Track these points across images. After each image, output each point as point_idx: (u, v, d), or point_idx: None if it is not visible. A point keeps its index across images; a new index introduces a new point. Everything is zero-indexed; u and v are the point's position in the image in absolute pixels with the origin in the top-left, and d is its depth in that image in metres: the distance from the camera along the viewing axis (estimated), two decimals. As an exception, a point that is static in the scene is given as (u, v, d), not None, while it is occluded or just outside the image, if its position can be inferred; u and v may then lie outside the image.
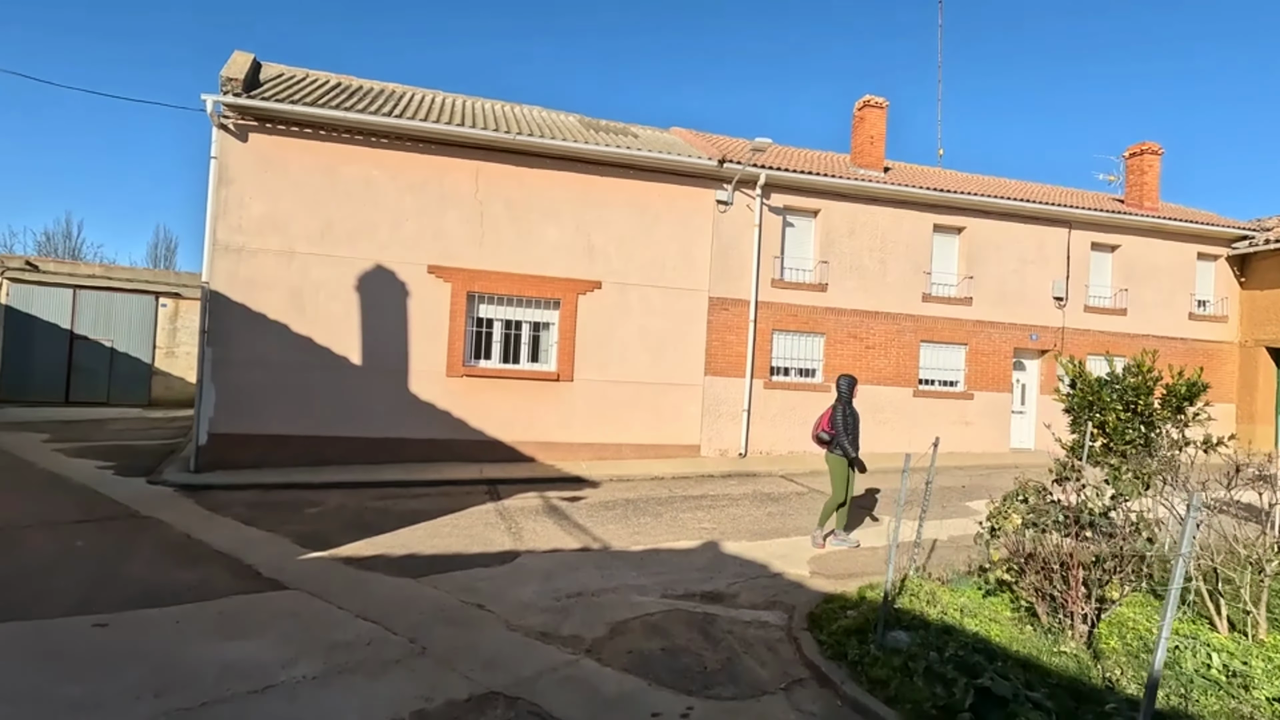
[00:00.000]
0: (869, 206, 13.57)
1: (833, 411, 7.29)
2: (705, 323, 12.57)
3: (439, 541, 7.10)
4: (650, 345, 12.21)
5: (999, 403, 14.43)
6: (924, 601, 4.91)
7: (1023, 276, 14.58)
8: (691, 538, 7.56)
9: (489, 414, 11.34)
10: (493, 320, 11.66)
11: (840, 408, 7.27)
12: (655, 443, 12.23)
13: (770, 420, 12.94)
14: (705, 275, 12.56)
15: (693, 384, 12.47)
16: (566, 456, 11.67)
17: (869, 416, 13.15)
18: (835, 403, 7.36)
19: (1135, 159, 16.35)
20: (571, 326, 11.79)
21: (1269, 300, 15.59)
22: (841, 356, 13.36)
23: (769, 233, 12.99)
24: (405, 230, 11.03)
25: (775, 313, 13.01)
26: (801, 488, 10.53)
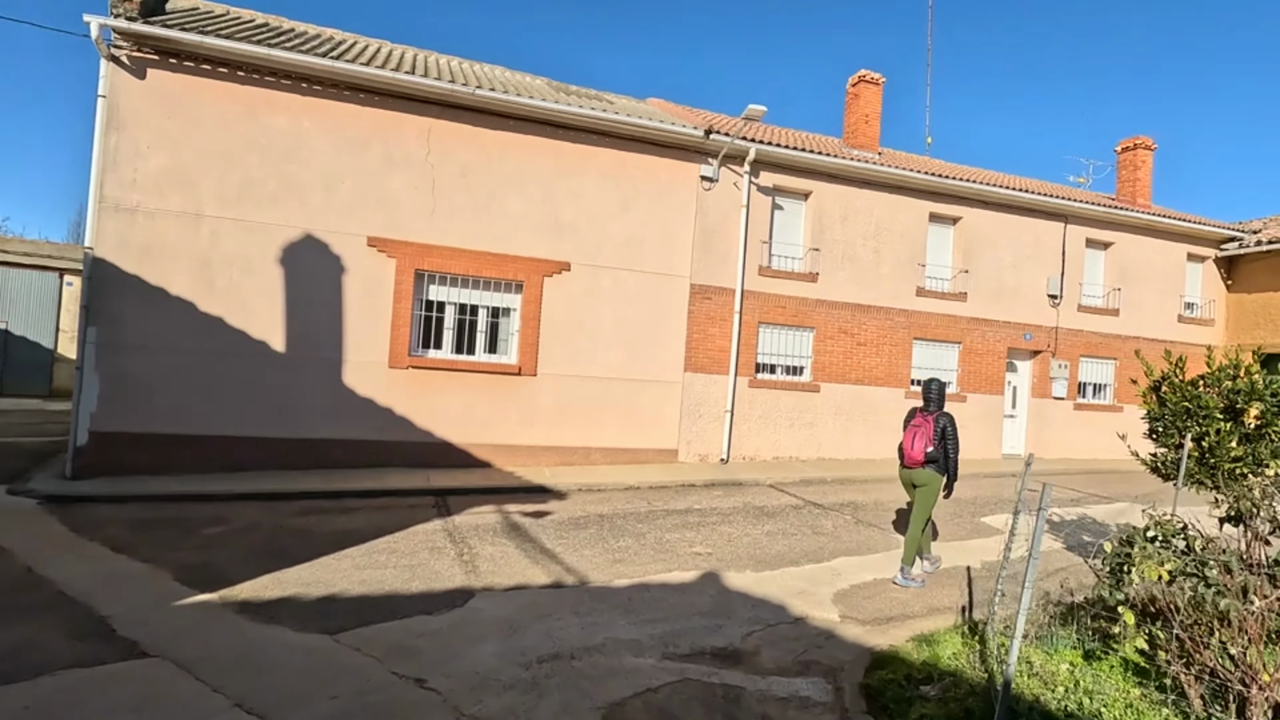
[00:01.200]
0: (863, 191, 12.48)
1: (934, 424, 6.13)
2: (686, 313, 11.25)
3: (371, 576, 5.58)
4: (625, 336, 10.83)
5: (992, 406, 13.55)
6: (1025, 673, 3.68)
7: (1018, 272, 13.74)
8: (685, 567, 6.23)
9: (439, 412, 9.78)
10: (445, 304, 10.09)
11: (941, 418, 6.16)
12: (629, 446, 10.87)
13: (755, 423, 11.72)
14: (687, 260, 11.25)
15: (671, 381, 11.15)
16: (528, 461, 10.20)
17: (860, 420, 12.08)
18: (928, 412, 6.23)
19: (1128, 154, 15.76)
20: (536, 313, 10.32)
21: (1256, 304, 15.18)
22: (831, 354, 12.24)
23: (757, 215, 11.76)
24: (341, 195, 9.37)
25: (762, 304, 11.79)
26: (796, 500, 9.32)
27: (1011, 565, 5.67)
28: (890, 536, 7.63)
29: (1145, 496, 10.67)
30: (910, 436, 6.22)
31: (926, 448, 6.10)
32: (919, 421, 6.24)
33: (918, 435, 6.17)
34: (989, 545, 7.44)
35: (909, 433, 6.25)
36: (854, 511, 8.78)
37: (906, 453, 6.21)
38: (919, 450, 6.12)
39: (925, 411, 6.27)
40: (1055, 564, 6.82)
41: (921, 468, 6.13)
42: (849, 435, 12.32)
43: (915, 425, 6.24)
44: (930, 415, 6.21)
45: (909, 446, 6.19)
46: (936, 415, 6.20)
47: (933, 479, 6.13)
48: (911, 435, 6.22)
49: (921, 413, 6.30)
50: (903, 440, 6.28)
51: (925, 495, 6.17)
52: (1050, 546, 7.48)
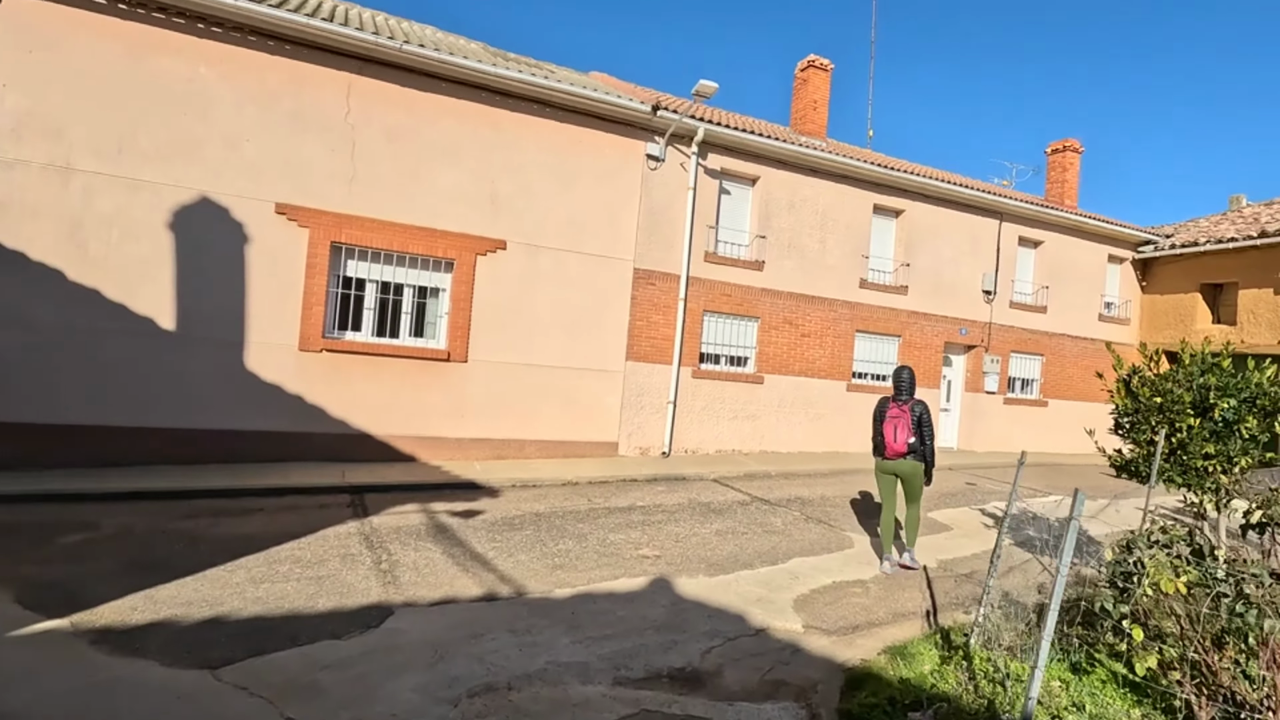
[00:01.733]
0: (810, 179, 12.22)
1: (911, 413, 6.05)
2: (629, 298, 10.68)
3: (270, 591, 4.77)
4: (564, 322, 10.17)
5: (929, 400, 13.61)
6: (1021, 694, 3.32)
7: (956, 267, 13.86)
8: (633, 573, 5.68)
9: (357, 400, 8.86)
10: (365, 281, 9.15)
11: (915, 405, 6.09)
12: (567, 439, 10.23)
13: (697, 415, 11.30)
14: (631, 242, 10.67)
15: (612, 370, 10.57)
16: (456, 455, 9.41)
17: (802, 412, 11.85)
18: (904, 402, 6.13)
19: (1057, 156, 16.22)
20: (467, 294, 9.51)
21: (1167, 305, 15.94)
22: (776, 344, 11.95)
23: (704, 199, 11.30)
24: (245, 154, 8.28)
25: (707, 291, 11.35)
26: (743, 495, 8.94)
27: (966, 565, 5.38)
28: (842, 535, 7.33)
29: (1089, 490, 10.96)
30: (890, 428, 6.05)
31: (909, 438, 5.98)
32: (895, 412, 6.08)
33: (899, 426, 6.03)
34: (941, 542, 7.25)
35: (888, 425, 6.08)
36: (802, 507, 8.47)
37: (889, 444, 6.04)
38: (902, 442, 5.99)
39: (898, 401, 6.13)
40: (1007, 561, 6.66)
41: (904, 458, 6.04)
42: (792, 428, 12.08)
43: (893, 416, 6.08)
44: (905, 404, 6.09)
45: (891, 438, 6.03)
46: (911, 404, 6.09)
47: (916, 468, 6.08)
48: (892, 427, 6.05)
49: (895, 402, 6.14)
50: (883, 432, 6.10)
51: (915, 483, 6.14)
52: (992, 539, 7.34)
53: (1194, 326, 15.28)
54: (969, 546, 7.16)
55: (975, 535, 7.65)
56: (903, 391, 6.17)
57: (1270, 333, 13.66)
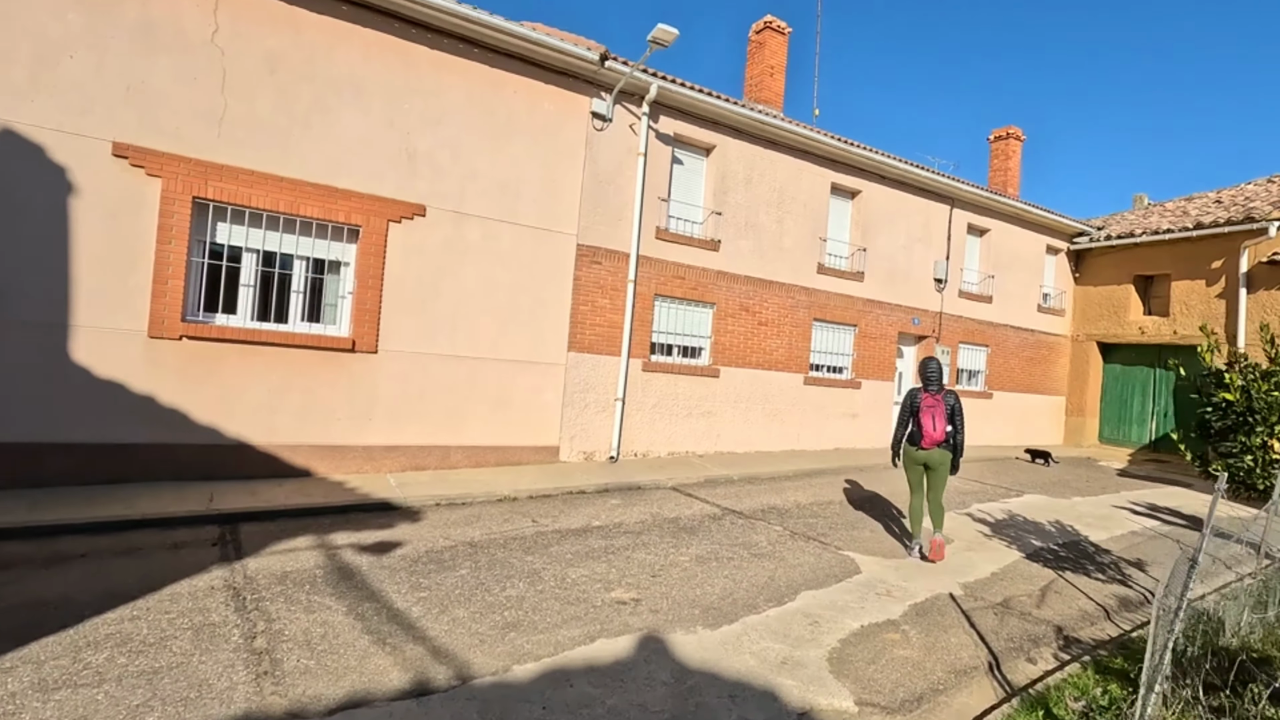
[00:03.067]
0: (768, 152, 11.13)
1: (944, 402, 6.16)
2: (572, 279, 9.20)
3: (69, 703, 3.05)
4: (496, 305, 8.57)
5: (884, 393, 12.93)
6: None
7: (909, 254, 13.21)
8: (611, 628, 4.28)
9: (233, 401, 6.97)
10: (242, 251, 7.23)
11: (948, 396, 6.22)
12: (500, 444, 8.66)
13: (648, 413, 9.98)
14: (574, 214, 9.19)
15: (552, 363, 9.07)
16: (365, 467, 7.67)
17: (759, 408, 10.78)
18: (936, 392, 6.20)
19: (1000, 143, 15.98)
20: (377, 270, 7.76)
21: (1100, 296, 16.05)
22: (732, 334, 10.81)
23: (655, 167, 9.96)
24: (68, 73, 6.21)
25: (659, 273, 10.04)
26: (711, 507, 7.70)
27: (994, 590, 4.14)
28: (842, 556, 6.21)
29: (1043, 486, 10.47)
30: (929, 418, 6.12)
31: (947, 426, 6.11)
32: (931, 402, 6.16)
33: (935, 416, 6.11)
34: (951, 560, 6.25)
35: (925, 415, 6.14)
36: (782, 520, 7.33)
37: (927, 434, 6.12)
38: (940, 431, 6.09)
39: (929, 391, 6.20)
40: (1032, 580, 5.75)
41: (938, 448, 6.15)
42: (748, 426, 10.99)
43: (929, 406, 6.14)
44: (938, 395, 6.18)
45: (929, 428, 6.10)
46: (943, 395, 6.19)
47: (946, 457, 6.19)
48: (930, 417, 6.12)
49: (927, 393, 6.20)
50: (920, 422, 6.15)
51: (944, 471, 6.21)
52: (1003, 554, 6.47)
53: (1126, 318, 15.41)
54: (981, 564, 6.21)
55: (980, 548, 6.74)
56: (932, 382, 6.20)
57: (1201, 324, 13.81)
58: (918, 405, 6.22)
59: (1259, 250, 12.85)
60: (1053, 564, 6.32)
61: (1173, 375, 14.71)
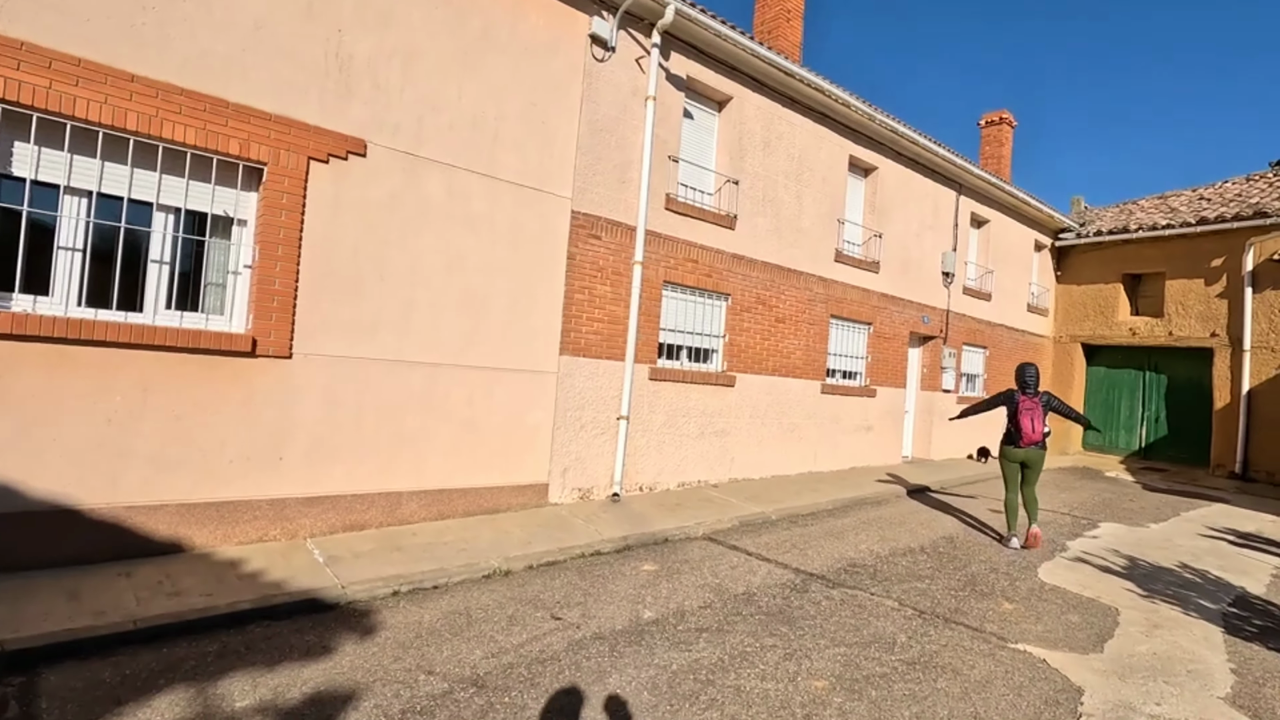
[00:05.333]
0: (788, 112, 9.18)
1: (1040, 403, 6.60)
2: (565, 257, 6.85)
3: None
4: (467, 289, 6.10)
5: (896, 402, 11.31)
6: None
7: (921, 243, 11.68)
8: None
9: (41, 439, 4.18)
10: (59, 192, 4.42)
11: (1043, 395, 6.68)
12: (470, 484, 6.18)
13: (655, 434, 7.76)
14: (568, 170, 6.84)
15: (540, 370, 6.68)
16: (273, 531, 5.03)
17: (775, 424, 8.82)
18: (1029, 395, 6.62)
19: (992, 128, 14.88)
20: (292, 232, 5.12)
21: (1083, 296, 15.27)
22: (748, 332, 8.76)
23: (664, 118, 7.75)
24: None
25: (669, 254, 7.84)
26: (780, 569, 5.59)
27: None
28: (1021, 654, 4.23)
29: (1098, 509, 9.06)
30: (1028, 420, 6.54)
31: (1045, 427, 6.60)
32: (1029, 404, 6.58)
33: (1034, 416, 6.54)
34: (1158, 649, 4.42)
35: (1024, 416, 6.55)
36: (883, 588, 5.33)
37: (1026, 434, 6.54)
38: (1038, 431, 6.56)
39: (1026, 394, 6.62)
40: None
41: (1035, 446, 6.61)
42: (763, 445, 8.98)
43: (1027, 409, 6.56)
44: (1035, 398, 6.61)
45: (1029, 429, 6.53)
46: (1035, 398, 6.60)
47: (1042, 455, 6.69)
48: (1029, 418, 6.54)
49: (1024, 395, 6.62)
50: (1020, 423, 6.55)
51: (1039, 468, 6.73)
52: (1198, 630, 4.66)
53: (1115, 318, 14.66)
54: (1203, 652, 4.42)
55: (1163, 623, 4.97)
56: (1029, 386, 6.65)
57: (1201, 325, 13.16)
58: (1016, 407, 6.63)
59: (1265, 248, 12.23)
60: (1261, 639, 4.66)
61: (1165, 378, 14.04)
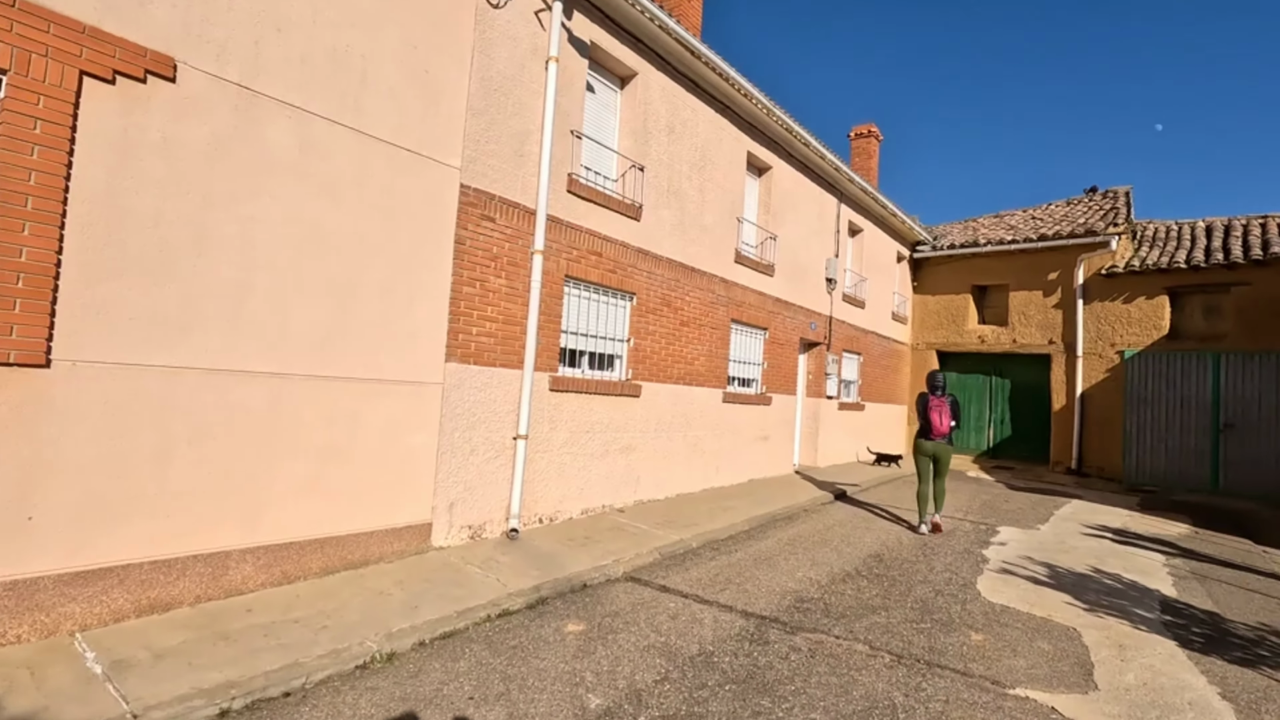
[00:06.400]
0: (691, 97, 8.46)
1: (948, 403, 7.43)
2: (453, 241, 5.55)
3: None
4: (325, 277, 4.62)
5: (789, 410, 11.01)
6: None
7: (809, 248, 11.52)
8: None
9: None
10: None
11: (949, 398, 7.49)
12: (330, 532, 4.69)
13: (556, 454, 6.62)
14: (457, 134, 5.55)
15: (422, 381, 5.32)
16: (11, 628, 3.30)
17: (680, 437, 8.09)
18: (940, 396, 7.48)
19: (860, 141, 15.27)
20: (51, 176, 3.44)
21: (937, 305, 16.17)
22: (653, 336, 7.89)
23: (567, 86, 6.67)
24: None
25: (571, 244, 6.76)
26: (725, 613, 4.72)
27: None
28: (1025, 702, 3.68)
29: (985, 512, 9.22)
30: (936, 415, 7.41)
31: (951, 422, 7.41)
32: (937, 403, 7.43)
33: (942, 413, 7.39)
34: (1148, 680, 4.07)
35: (933, 412, 7.42)
36: (844, 628, 4.63)
37: (935, 428, 7.43)
38: (945, 425, 7.41)
39: (935, 395, 7.48)
40: None
41: (944, 439, 7.49)
42: (669, 461, 8.15)
43: (935, 406, 7.43)
44: (942, 398, 7.46)
45: (937, 423, 7.41)
46: (942, 397, 7.44)
47: (949, 449, 7.56)
48: (937, 414, 7.41)
49: (934, 396, 7.48)
50: (930, 419, 7.42)
51: (948, 461, 7.59)
52: (1158, 647, 4.43)
53: (965, 327, 15.63)
54: (1185, 674, 4.15)
55: (1129, 642, 4.71)
56: (938, 389, 7.53)
57: (1040, 332, 14.31)
58: (927, 405, 7.47)
59: (1093, 263, 13.51)
60: (1217, 651, 4.52)
61: (1009, 383, 15.15)
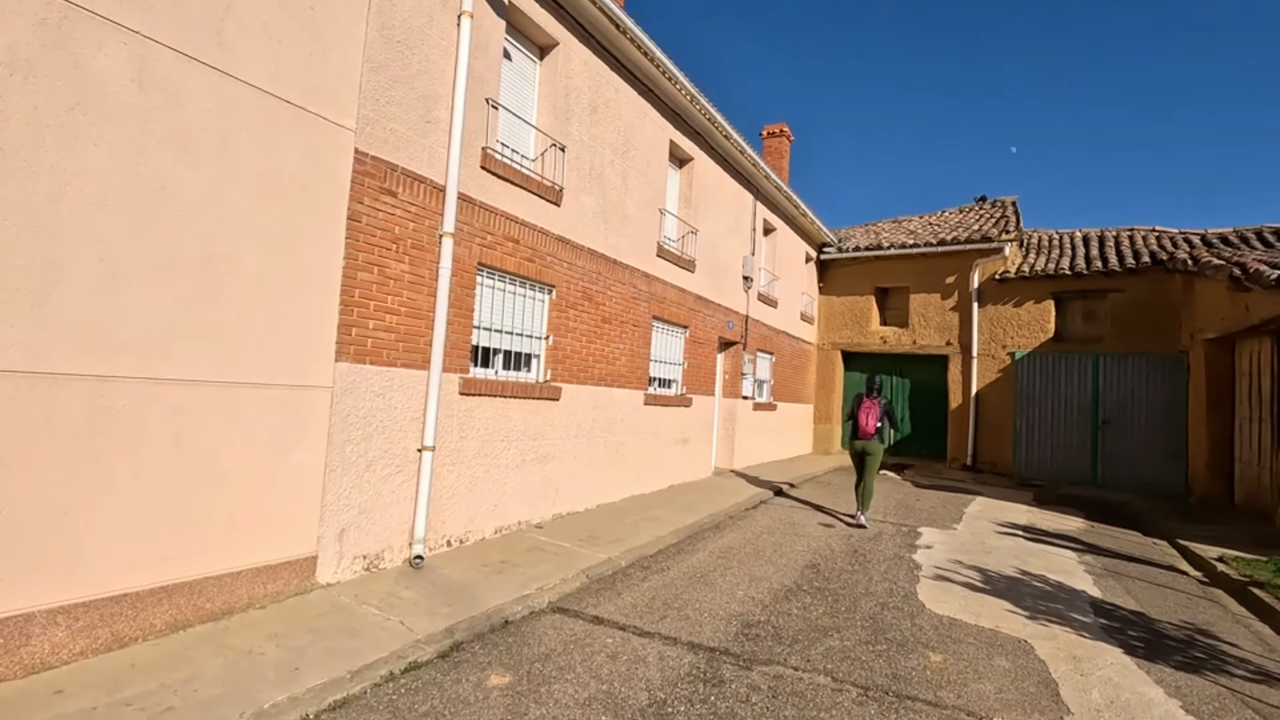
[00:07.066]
0: (615, 77, 7.85)
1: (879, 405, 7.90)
2: (346, 217, 4.64)
3: None
4: (175, 252, 3.63)
5: (708, 411, 10.65)
6: None
7: (729, 245, 11.22)
8: None
9: None
10: None
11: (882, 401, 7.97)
12: (175, 579, 3.70)
13: (468, 466, 5.81)
14: (351, 87, 4.64)
15: (304, 383, 4.38)
16: None
17: (600, 441, 7.53)
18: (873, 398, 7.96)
19: (772, 140, 15.22)
20: None
21: (842, 306, 16.48)
22: (574, 333, 7.21)
23: (482, 49, 5.87)
24: None
25: (485, 228, 5.96)
26: (684, 649, 4.16)
27: None
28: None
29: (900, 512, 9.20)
30: (864, 415, 7.92)
31: (876, 423, 7.88)
32: (867, 404, 7.95)
33: (869, 414, 7.90)
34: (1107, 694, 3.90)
35: (862, 413, 7.94)
36: (800, 654, 4.20)
37: (860, 427, 7.93)
38: (871, 425, 7.89)
39: (869, 397, 7.98)
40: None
41: (872, 438, 7.93)
42: (590, 469, 7.51)
43: (865, 408, 7.94)
44: (874, 400, 7.96)
45: (863, 423, 7.91)
46: (879, 400, 7.96)
47: (879, 447, 7.97)
48: (865, 414, 7.92)
49: (866, 398, 7.99)
50: (858, 419, 7.94)
51: (876, 458, 7.98)
52: (1104, 654, 4.34)
53: (869, 328, 16.00)
54: (1144, 688, 4.00)
55: (1088, 658, 4.57)
56: (873, 391, 8.03)
57: (938, 334, 14.84)
58: (858, 406, 7.98)
59: (987, 268, 14.14)
60: (1160, 657, 4.47)
61: (909, 382, 15.63)
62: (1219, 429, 10.66)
